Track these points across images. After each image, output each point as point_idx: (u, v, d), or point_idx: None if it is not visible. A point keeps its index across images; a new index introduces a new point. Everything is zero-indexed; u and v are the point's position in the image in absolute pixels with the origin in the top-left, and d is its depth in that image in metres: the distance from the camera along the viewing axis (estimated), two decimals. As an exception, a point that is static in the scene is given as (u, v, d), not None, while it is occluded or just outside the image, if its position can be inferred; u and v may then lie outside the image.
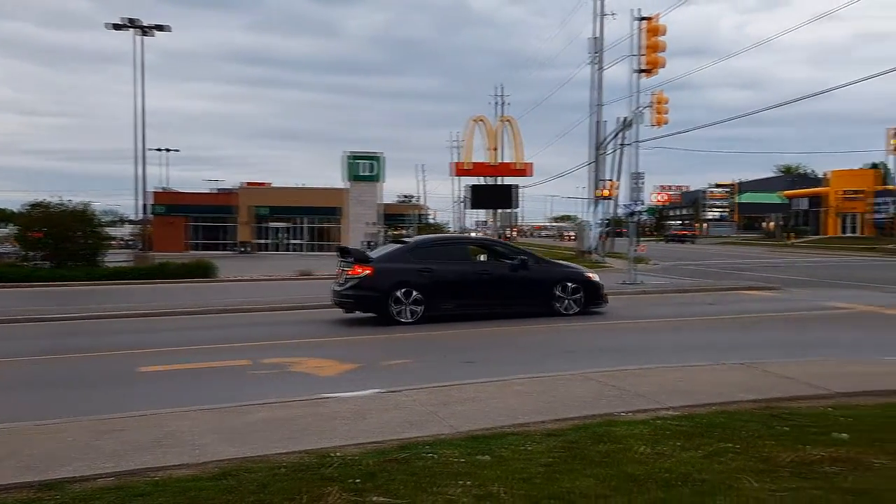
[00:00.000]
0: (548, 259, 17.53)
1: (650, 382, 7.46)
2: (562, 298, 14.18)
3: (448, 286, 13.70)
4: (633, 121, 24.55)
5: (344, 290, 13.72)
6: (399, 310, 13.21)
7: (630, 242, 23.69)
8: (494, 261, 15.11)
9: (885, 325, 13.00)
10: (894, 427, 5.47)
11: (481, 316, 13.70)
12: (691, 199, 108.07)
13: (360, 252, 15.27)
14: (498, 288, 14.12)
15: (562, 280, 14.42)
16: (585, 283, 14.61)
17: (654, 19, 22.63)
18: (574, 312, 14.11)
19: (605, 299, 14.92)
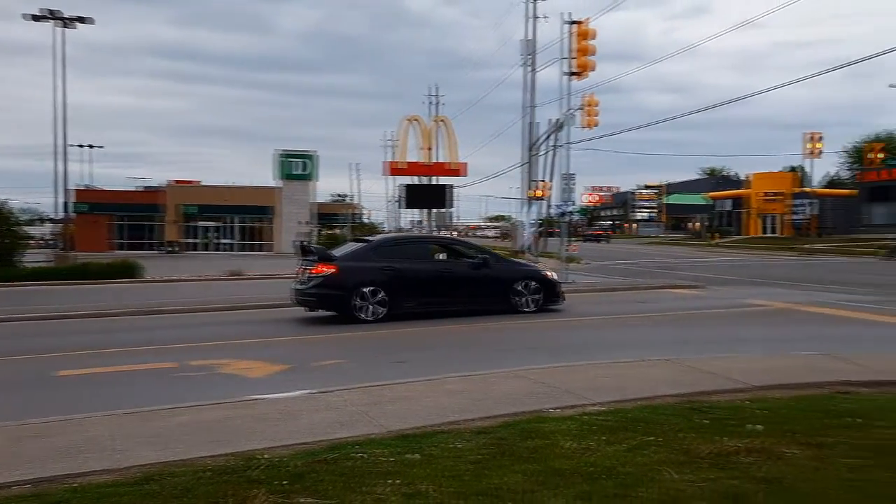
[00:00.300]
0: (508, 258, 17.94)
1: (579, 379, 7.60)
2: (521, 296, 14.48)
3: (411, 285, 13.83)
4: (564, 123, 24.98)
5: (307, 288, 13.67)
6: (363, 308, 13.30)
7: (562, 242, 24.11)
8: (456, 259, 15.29)
9: (800, 322, 13.57)
10: (804, 418, 5.73)
11: (443, 314, 13.83)
12: (621, 199, 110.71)
13: (323, 250, 15.23)
14: (460, 286, 14.35)
15: (521, 278, 14.74)
16: (544, 282, 14.97)
17: (583, 23, 23.07)
18: (533, 310, 14.44)
19: (562, 297, 15.33)
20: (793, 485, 4.31)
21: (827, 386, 7.12)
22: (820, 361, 8.47)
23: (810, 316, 14.25)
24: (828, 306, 15.55)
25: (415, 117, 42.59)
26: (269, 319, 14.22)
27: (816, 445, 5.03)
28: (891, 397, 6.63)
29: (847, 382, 7.24)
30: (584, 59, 23.03)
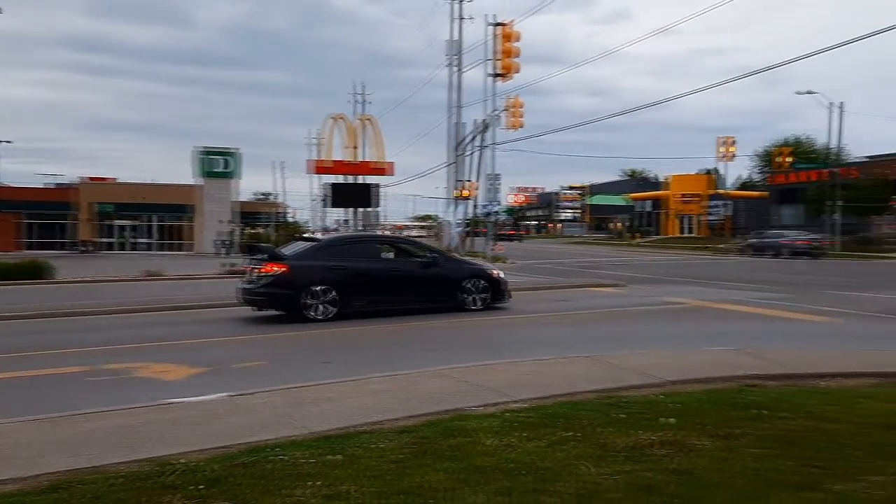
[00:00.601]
0: (456, 257, 18.24)
1: (502, 377, 7.69)
2: (469, 294, 14.76)
3: (361, 284, 13.91)
4: (489, 123, 25.23)
5: (256, 287, 13.58)
6: (313, 307, 13.32)
7: (487, 242, 24.36)
8: (406, 258, 15.35)
9: (714, 319, 14.12)
10: (714, 411, 5.96)
11: (393, 312, 13.93)
12: (546, 200, 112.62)
13: (273, 249, 15.11)
14: (409, 285, 14.49)
15: (469, 277, 15.03)
16: (491, 280, 15.29)
17: (508, 25, 23.34)
18: (480, 308, 14.72)
19: (508, 294, 15.63)
20: (702, 475, 4.48)
21: (736, 380, 7.42)
22: (731, 357, 8.82)
23: (724, 313, 14.84)
24: (740, 304, 16.22)
25: (340, 115, 42.25)
26: (189, 321, 13.84)
27: (725, 437, 5.24)
28: (795, 390, 6.97)
29: (755, 376, 7.57)
30: (508, 61, 23.31)
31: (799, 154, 69.99)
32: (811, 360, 8.65)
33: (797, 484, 4.33)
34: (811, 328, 12.72)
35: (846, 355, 9.08)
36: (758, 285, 21.36)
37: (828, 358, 8.82)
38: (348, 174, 39.12)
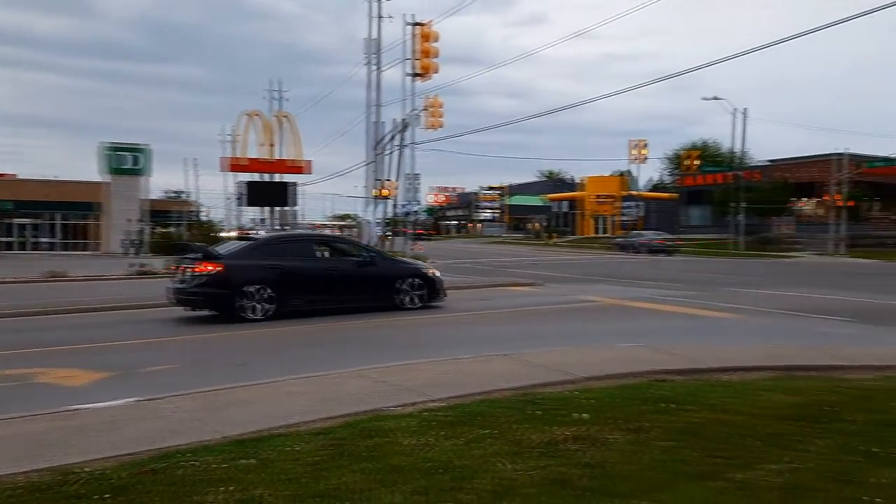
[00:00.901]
0: (393, 256, 18.32)
1: (421, 376, 7.71)
2: (405, 294, 14.87)
3: (298, 283, 13.84)
4: (408, 123, 25.24)
5: (189, 287, 13.29)
6: (249, 307, 13.16)
7: (406, 241, 24.38)
8: (343, 257, 15.27)
9: (625, 316, 14.57)
10: (625, 406, 6.16)
11: (330, 311, 13.88)
12: (466, 200, 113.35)
13: (207, 248, 14.83)
14: (346, 284, 14.50)
15: (406, 276, 15.15)
16: (427, 279, 15.42)
17: (426, 25, 23.41)
18: (417, 306, 14.86)
19: (444, 294, 15.83)
20: (613, 468, 4.62)
21: (646, 375, 7.68)
22: (641, 353, 9.12)
23: (635, 310, 15.32)
24: (650, 301, 16.79)
25: (256, 112, 41.40)
26: (96, 324, 13.27)
27: (635, 430, 5.42)
28: (701, 384, 7.26)
29: (663, 371, 7.86)
30: (427, 61, 23.38)
31: (706, 157, 73.05)
32: (715, 355, 9.04)
33: (701, 474, 4.52)
34: (715, 324, 13.29)
35: (747, 350, 9.54)
36: (667, 283, 22.17)
37: (731, 353, 9.25)
38: (264, 172, 38.34)
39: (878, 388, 6.88)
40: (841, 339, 10.86)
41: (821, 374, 7.81)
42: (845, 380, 7.32)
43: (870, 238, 49.98)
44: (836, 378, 7.46)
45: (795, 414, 5.84)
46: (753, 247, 48.95)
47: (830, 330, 12.21)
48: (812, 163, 59.22)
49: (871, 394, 6.55)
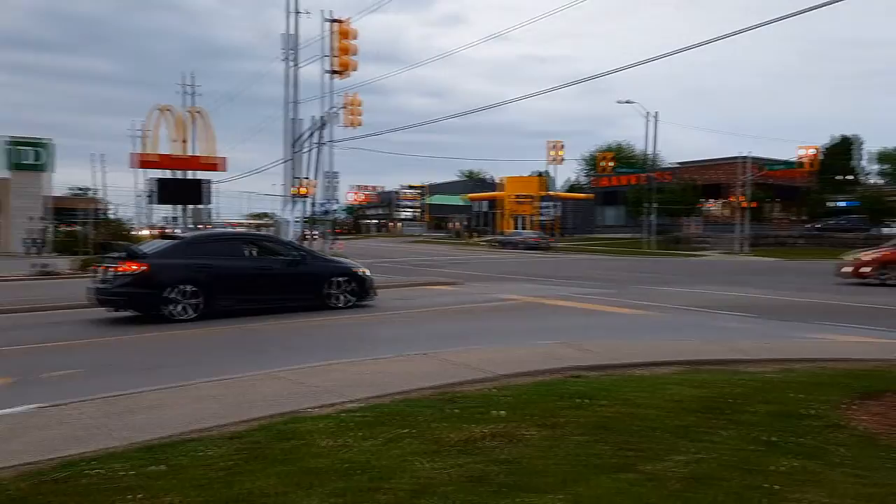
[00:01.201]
0: (323, 255, 18.30)
1: (339, 377, 7.64)
2: (335, 293, 14.92)
3: (226, 283, 13.62)
4: (327, 121, 24.96)
5: (113, 287, 12.88)
6: (176, 308, 12.92)
7: (326, 240, 24.09)
8: (272, 257, 15.02)
9: (544, 314, 14.84)
10: (541, 402, 6.27)
11: (259, 311, 13.73)
12: (386, 199, 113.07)
13: (131, 247, 14.43)
14: (275, 283, 14.36)
15: (336, 275, 15.15)
16: (357, 278, 15.45)
17: (345, 23, 23.20)
18: (346, 306, 14.91)
19: (374, 292, 15.92)
20: (529, 463, 4.70)
21: (562, 371, 7.85)
22: (557, 350, 9.31)
23: (552, 308, 15.64)
24: (566, 299, 17.17)
25: (167, 107, 39.98)
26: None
27: (551, 426, 5.53)
28: (613, 379, 7.47)
29: (578, 367, 8.05)
30: (345, 59, 23.17)
31: (620, 159, 75.23)
32: (627, 350, 9.33)
33: (613, 466, 4.65)
34: (628, 320, 13.71)
35: (657, 345, 9.88)
36: (583, 281, 22.73)
37: (642, 348, 9.56)
38: (176, 169, 37.05)
39: (776, 380, 7.24)
40: (743, 334, 11.38)
41: (724, 367, 8.16)
42: (747, 373, 7.67)
43: (770, 237, 52.66)
44: (739, 371, 7.81)
45: (701, 406, 6.08)
46: (665, 246, 50.77)
47: (733, 325, 12.79)
48: (718, 165, 61.93)
49: (770, 386, 6.88)
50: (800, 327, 12.36)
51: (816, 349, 9.61)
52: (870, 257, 21.54)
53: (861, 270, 21.15)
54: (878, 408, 5.95)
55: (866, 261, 21.38)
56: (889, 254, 21.37)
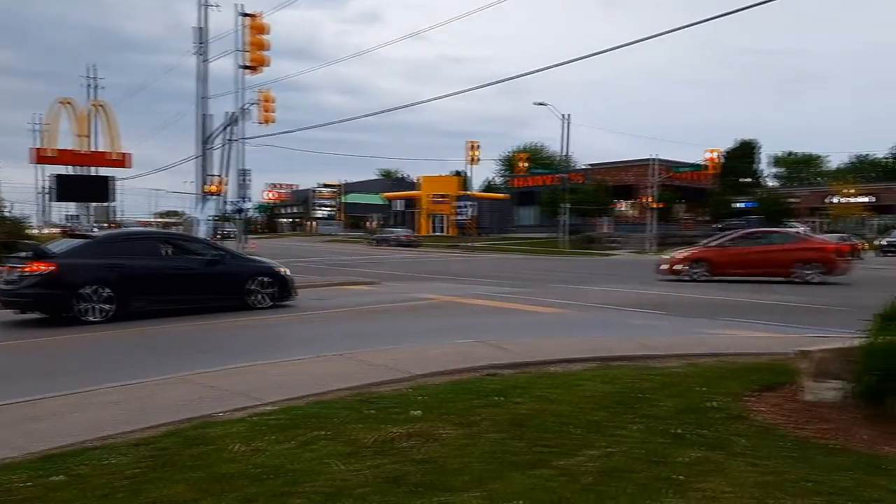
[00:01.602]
0: (242, 254, 17.90)
1: (252, 379, 7.47)
2: (255, 293, 14.65)
3: (141, 283, 13.22)
4: (238, 117, 24.39)
5: (18, 288, 12.31)
6: (87, 309, 12.44)
7: (238, 239, 23.54)
8: (189, 256, 14.62)
9: (461, 313, 14.94)
10: (458, 401, 6.31)
11: (176, 312, 13.36)
12: (302, 197, 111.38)
13: (39, 246, 13.77)
14: (193, 284, 14.00)
15: (256, 275, 14.88)
16: (278, 278, 15.21)
17: (257, 17, 22.73)
18: (267, 306, 14.68)
19: (294, 292, 15.67)
20: (445, 462, 4.71)
21: (478, 370, 7.92)
22: (474, 348, 9.39)
23: (469, 307, 15.77)
24: (483, 298, 17.36)
25: (68, 100, 38.20)
26: None
27: (467, 424, 5.57)
28: (528, 376, 7.59)
29: (494, 366, 8.13)
30: (258, 54, 22.68)
31: (536, 160, 76.69)
32: (542, 348, 9.49)
33: (528, 463, 4.73)
34: (543, 319, 13.97)
35: (571, 342, 10.10)
36: (497, 280, 23.02)
37: (556, 346, 9.75)
38: (78, 165, 35.40)
39: (682, 374, 7.52)
40: (651, 331, 11.78)
41: (634, 363, 8.42)
42: (655, 368, 7.93)
43: (676, 237, 54.71)
44: (648, 367, 8.07)
45: (612, 402, 6.25)
46: (578, 245, 52.03)
47: (642, 322, 13.23)
48: (628, 167, 63.95)
49: (676, 380, 7.15)
50: (703, 323, 12.89)
51: (718, 344, 10.04)
52: (682, 255, 23.25)
53: (675, 267, 22.59)
54: (776, 399, 6.27)
55: (680, 258, 22.99)
56: (698, 252, 23.26)
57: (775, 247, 22.40)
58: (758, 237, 24.00)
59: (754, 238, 23.87)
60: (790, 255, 21.79)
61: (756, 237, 24.03)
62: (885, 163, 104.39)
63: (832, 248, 22.85)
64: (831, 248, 22.68)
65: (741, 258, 22.13)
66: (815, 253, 21.99)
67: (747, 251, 22.51)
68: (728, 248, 23.01)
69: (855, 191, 68.13)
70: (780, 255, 21.83)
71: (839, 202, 66.73)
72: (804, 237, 24.63)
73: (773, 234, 24.86)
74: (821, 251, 22.19)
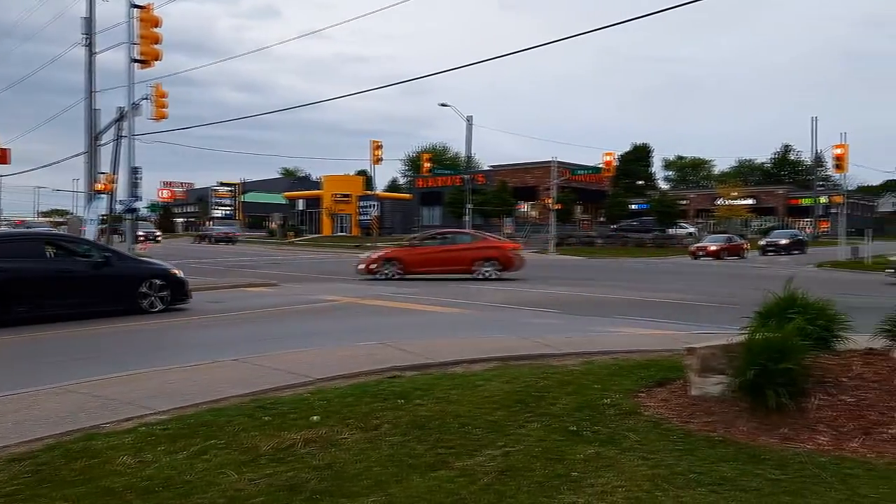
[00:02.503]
0: (133, 256, 17.14)
1: (140, 388, 7.14)
2: (147, 296, 14.10)
3: (22, 287, 12.59)
4: (130, 112, 23.33)
5: None
6: None
7: (129, 240, 22.56)
8: (76, 258, 13.88)
9: (362, 314, 14.83)
10: (358, 404, 6.24)
11: (63, 318, 12.78)
12: (199, 196, 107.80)
13: None
14: (81, 287, 13.42)
15: (150, 277, 14.33)
16: (171, 280, 14.67)
17: (149, 9, 21.81)
18: (160, 310, 14.12)
19: (189, 295, 15.09)
20: (344, 468, 4.65)
21: (381, 372, 7.86)
22: (375, 350, 9.33)
23: (370, 308, 15.67)
24: (385, 299, 17.29)
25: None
26: None
27: (367, 428, 5.51)
28: (429, 378, 7.59)
29: (397, 368, 8.10)
30: (150, 47, 21.73)
31: (440, 161, 77.17)
32: (444, 349, 9.54)
33: (428, 465, 4.73)
34: (444, 319, 14.05)
35: (472, 342, 10.20)
36: (398, 281, 23.00)
37: (458, 346, 9.81)
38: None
39: (578, 372, 7.72)
40: (549, 329, 12.06)
41: (533, 362, 8.58)
42: (552, 366, 8.11)
43: (574, 238, 56.42)
44: (545, 365, 8.24)
45: (512, 401, 6.34)
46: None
47: (540, 321, 13.53)
48: (530, 169, 65.39)
49: (573, 378, 7.33)
50: (597, 321, 13.32)
51: (613, 342, 10.38)
52: (376, 255, 24.70)
53: (370, 267, 23.71)
54: (665, 395, 6.53)
55: (374, 258, 24.29)
56: (390, 252, 25.04)
57: (459, 246, 24.09)
58: (444, 237, 25.87)
59: (441, 238, 25.74)
60: (472, 253, 23.48)
61: (443, 237, 25.90)
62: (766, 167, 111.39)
63: (508, 246, 25.16)
64: (508, 247, 24.90)
65: (428, 257, 23.58)
66: (493, 251, 23.87)
67: (434, 250, 24.06)
68: (417, 248, 24.61)
69: (738, 193, 72.24)
70: (463, 254, 23.48)
71: (725, 204, 70.58)
72: (485, 237, 26.35)
73: (457, 235, 27.10)
74: (498, 250, 24.17)
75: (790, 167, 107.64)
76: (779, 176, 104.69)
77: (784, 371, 5.48)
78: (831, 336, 6.68)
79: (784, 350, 5.57)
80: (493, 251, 23.93)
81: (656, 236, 56.21)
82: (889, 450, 4.95)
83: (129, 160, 23.86)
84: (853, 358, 6.36)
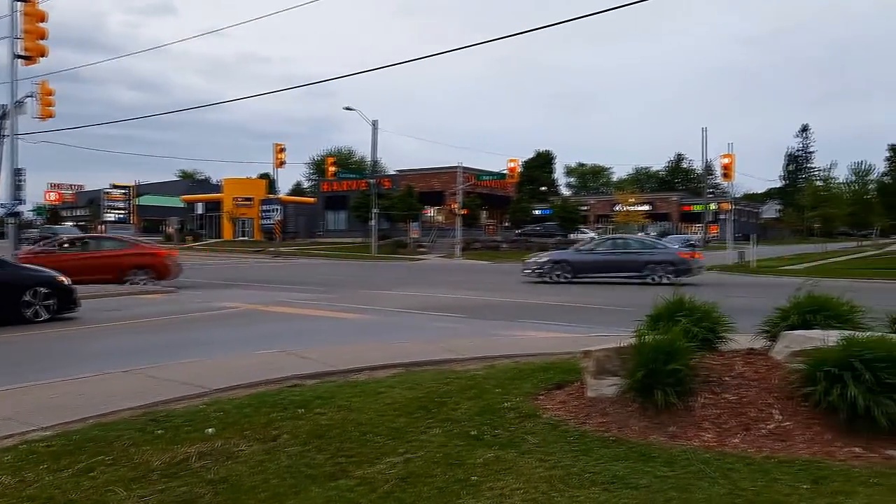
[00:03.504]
0: (15, 262, 16.14)
1: (21, 402, 6.74)
2: (31, 304, 13.51)
3: None
4: (12, 110, 21.97)
5: None
6: None
7: (13, 245, 21.27)
8: None
9: (263, 321, 14.50)
10: (256, 415, 6.10)
11: None
12: (90, 199, 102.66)
13: None
14: None
15: (34, 285, 13.71)
16: (59, 288, 14.08)
17: (33, 3, 20.63)
18: (45, 319, 13.56)
19: (78, 303, 14.50)
20: (240, 481, 4.53)
21: (280, 381, 7.70)
22: (276, 358, 9.15)
23: (272, 315, 15.35)
24: (287, 305, 16.98)
25: None
26: None
27: (265, 440, 5.40)
28: (331, 386, 7.50)
29: (297, 376, 7.96)
30: (35, 43, 20.53)
31: (345, 164, 76.45)
32: (346, 356, 9.45)
33: (328, 475, 4.67)
34: (347, 325, 13.94)
35: (376, 348, 10.16)
36: (303, 286, 22.67)
37: (360, 353, 9.74)
38: None
39: (480, 376, 7.81)
40: (452, 333, 12.17)
41: (437, 367, 8.62)
42: (455, 371, 8.17)
43: (479, 242, 57.13)
44: (449, 370, 8.30)
45: (414, 407, 6.35)
46: (388, 250, 52.59)
47: (444, 325, 13.62)
48: (436, 174, 65.72)
49: (475, 382, 7.41)
50: (499, 325, 13.54)
51: (515, 345, 10.57)
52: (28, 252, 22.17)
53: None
54: (564, 397, 6.70)
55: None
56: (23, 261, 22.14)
57: (104, 253, 22.02)
58: (85, 243, 23.48)
59: (82, 244, 23.23)
60: (124, 260, 21.69)
61: (83, 243, 23.43)
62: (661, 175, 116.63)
63: (164, 253, 23.25)
64: (163, 254, 23.01)
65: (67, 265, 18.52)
66: (147, 258, 22.14)
67: (74, 258, 21.12)
68: (54, 255, 21.30)
69: (635, 200, 75.17)
70: (113, 261, 21.53)
71: (623, 210, 73.27)
72: (137, 243, 24.31)
73: (102, 240, 24.86)
74: (153, 257, 22.40)
75: (683, 175, 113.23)
76: (672, 183, 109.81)
77: (672, 372, 5.74)
78: (716, 337, 7.03)
79: (672, 352, 5.82)
80: (147, 258, 22.03)
81: (559, 241, 57.69)
82: (767, 444, 5.26)
83: (13, 161, 22.44)
84: (736, 358, 6.73)
